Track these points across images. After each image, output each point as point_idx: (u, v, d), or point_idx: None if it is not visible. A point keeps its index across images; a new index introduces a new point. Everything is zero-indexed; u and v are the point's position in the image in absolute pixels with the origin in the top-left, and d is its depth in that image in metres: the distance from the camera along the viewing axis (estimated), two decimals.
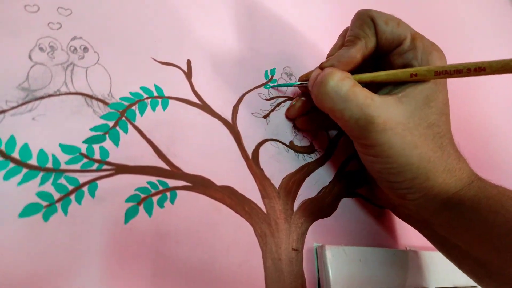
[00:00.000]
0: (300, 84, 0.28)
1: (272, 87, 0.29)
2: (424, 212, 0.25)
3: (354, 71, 0.24)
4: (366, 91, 0.22)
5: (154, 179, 0.21)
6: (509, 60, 0.19)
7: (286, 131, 0.29)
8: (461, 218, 0.23)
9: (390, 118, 0.21)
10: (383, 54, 0.25)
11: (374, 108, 0.21)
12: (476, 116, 0.50)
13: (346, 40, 0.25)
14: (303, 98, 0.28)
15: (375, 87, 0.26)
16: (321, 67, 0.25)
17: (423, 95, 0.22)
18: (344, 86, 0.21)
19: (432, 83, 0.22)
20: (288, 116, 0.29)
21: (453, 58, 0.24)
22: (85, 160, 0.20)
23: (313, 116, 0.29)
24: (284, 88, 0.30)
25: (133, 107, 0.22)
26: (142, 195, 0.21)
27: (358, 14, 0.25)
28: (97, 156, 0.20)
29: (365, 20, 0.24)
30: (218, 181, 0.24)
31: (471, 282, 0.33)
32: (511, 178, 0.48)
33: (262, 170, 0.26)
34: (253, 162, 0.26)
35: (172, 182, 0.22)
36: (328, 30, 0.33)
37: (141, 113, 0.23)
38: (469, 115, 0.48)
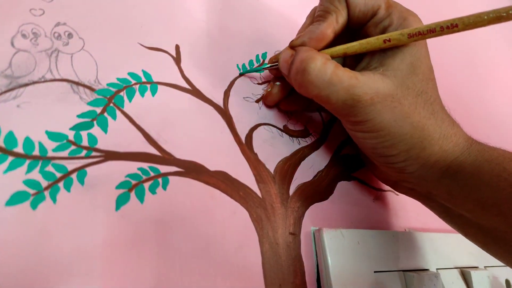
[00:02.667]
0: (271, 66, 0.26)
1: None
2: (425, 183, 0.24)
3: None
4: (349, 71, 0.21)
5: (145, 165, 0.21)
6: (480, 13, 0.18)
7: (279, 116, 0.28)
8: (463, 185, 0.22)
9: (377, 93, 0.21)
10: (357, 28, 0.24)
11: (360, 88, 0.20)
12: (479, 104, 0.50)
13: (315, 15, 0.24)
14: (278, 83, 0.27)
15: (351, 63, 0.25)
16: (292, 45, 0.23)
17: (406, 63, 0.22)
18: (327, 70, 0.21)
19: (412, 49, 0.22)
20: (266, 104, 0.28)
21: (445, 41, 0.23)
22: (73, 147, 0.19)
23: (295, 98, 0.27)
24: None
25: (121, 93, 0.22)
26: (133, 182, 0.20)
27: None
28: (85, 143, 0.20)
29: None
30: (211, 167, 0.23)
31: (472, 262, 0.33)
32: None
33: (256, 154, 0.26)
34: (246, 147, 0.25)
35: (163, 168, 0.22)
36: None
37: (130, 99, 0.22)
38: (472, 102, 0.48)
